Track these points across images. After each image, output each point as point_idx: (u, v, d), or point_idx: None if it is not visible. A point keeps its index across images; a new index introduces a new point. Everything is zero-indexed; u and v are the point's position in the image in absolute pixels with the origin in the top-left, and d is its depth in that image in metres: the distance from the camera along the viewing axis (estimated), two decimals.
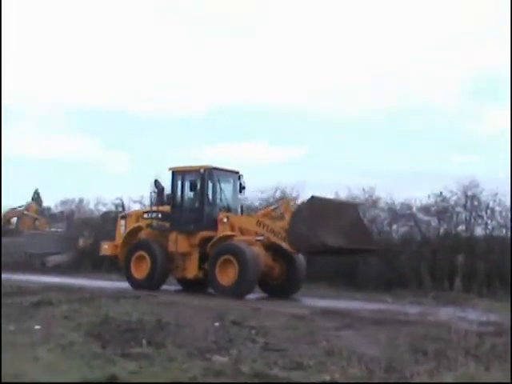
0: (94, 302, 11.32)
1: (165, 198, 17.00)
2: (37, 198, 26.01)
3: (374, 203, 21.32)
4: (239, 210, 17.04)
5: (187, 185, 16.41)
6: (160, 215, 16.69)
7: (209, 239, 15.76)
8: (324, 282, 17.92)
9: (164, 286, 16.37)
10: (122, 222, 17.76)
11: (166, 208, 16.69)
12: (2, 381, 5.36)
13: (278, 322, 9.72)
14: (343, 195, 20.61)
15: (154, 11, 44.74)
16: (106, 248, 18.05)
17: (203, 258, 15.78)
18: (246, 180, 17.09)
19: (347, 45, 40.86)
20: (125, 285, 16.32)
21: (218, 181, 16.48)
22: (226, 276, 14.97)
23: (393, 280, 18.14)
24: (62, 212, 38.31)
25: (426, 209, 20.37)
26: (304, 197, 19.41)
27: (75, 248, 26.25)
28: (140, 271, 16.26)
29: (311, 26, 43.45)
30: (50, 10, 49.69)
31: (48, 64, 52.53)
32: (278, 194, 23.85)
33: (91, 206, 32.66)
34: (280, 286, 15.80)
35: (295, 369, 6.35)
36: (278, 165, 44.69)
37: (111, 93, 57.33)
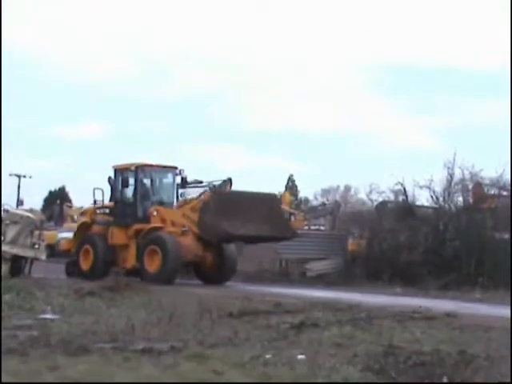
0: (373, 325, 11.60)
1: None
2: (291, 186, 27.39)
3: None
4: (175, 203, 23.86)
5: (124, 181, 23.36)
6: (107, 211, 23.92)
7: (142, 231, 22.54)
8: None
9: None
10: (82, 219, 25.31)
11: (112, 204, 23.93)
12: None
13: None
14: None
15: None
16: (64, 243, 25.86)
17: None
18: None
19: None
20: (413, 300, 16.49)
21: (151, 177, 23.94)
22: (153, 264, 21.52)
23: None
24: (323, 204, 39.89)
25: None
26: None
27: (343, 252, 27.09)
28: (86, 263, 23.28)
29: None
30: None
31: None
32: None
33: (362, 195, 33.36)
34: (213, 274, 22.58)
35: None
36: None
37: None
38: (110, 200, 24.38)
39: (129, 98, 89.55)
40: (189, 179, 28.32)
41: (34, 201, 55.22)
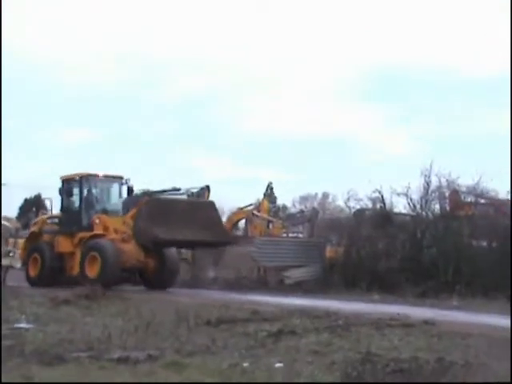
0: (350, 332, 11.61)
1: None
2: (270, 193, 27.35)
3: None
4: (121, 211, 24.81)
5: (69, 191, 24.95)
6: (57, 220, 25.63)
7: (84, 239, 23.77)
8: None
9: None
10: (32, 229, 26.21)
11: (60, 213, 25.67)
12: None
13: None
14: None
15: None
16: (20, 253, 26.27)
17: None
18: None
19: None
20: (391, 308, 16.52)
21: (96, 186, 25.15)
22: (93, 269, 22.47)
23: None
24: (301, 211, 39.90)
25: None
26: None
27: (321, 259, 27.09)
28: (34, 271, 24.44)
29: None
30: None
31: None
32: None
33: (340, 203, 33.35)
34: (156, 279, 23.50)
35: None
36: None
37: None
38: (60, 210, 25.97)
39: (114, 106, 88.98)
40: (169, 186, 28.38)
41: (9, 208, 54.83)
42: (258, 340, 10.85)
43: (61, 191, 25.31)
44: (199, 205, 24.86)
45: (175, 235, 22.28)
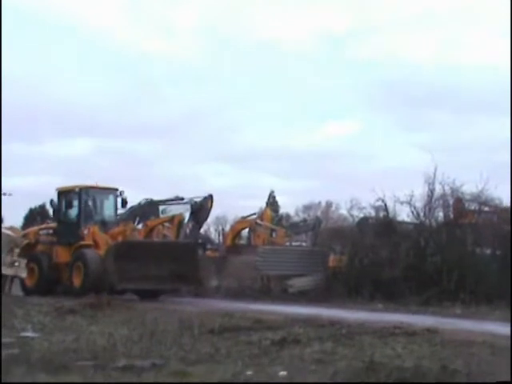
0: (354, 341, 11.61)
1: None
2: (272, 202, 27.38)
3: None
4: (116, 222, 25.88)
5: (67, 203, 25.58)
6: (51, 231, 26.52)
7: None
8: None
9: None
10: (25, 240, 26.13)
11: (55, 225, 26.61)
12: None
13: None
14: None
15: None
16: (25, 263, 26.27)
17: None
18: None
19: None
20: (394, 316, 16.54)
21: (94, 198, 26.04)
22: (78, 279, 23.46)
23: None
24: (305, 220, 39.96)
25: None
26: None
27: (324, 268, 27.10)
28: (31, 280, 24.92)
29: None
30: None
31: None
32: None
33: (343, 211, 33.30)
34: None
35: None
36: None
37: None
38: (54, 221, 27.30)
39: (115, 116, 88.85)
40: (171, 196, 28.48)
41: (15, 218, 54.91)
42: (262, 348, 10.87)
43: (53, 202, 26.19)
44: (173, 246, 25.20)
45: (136, 284, 22.63)
